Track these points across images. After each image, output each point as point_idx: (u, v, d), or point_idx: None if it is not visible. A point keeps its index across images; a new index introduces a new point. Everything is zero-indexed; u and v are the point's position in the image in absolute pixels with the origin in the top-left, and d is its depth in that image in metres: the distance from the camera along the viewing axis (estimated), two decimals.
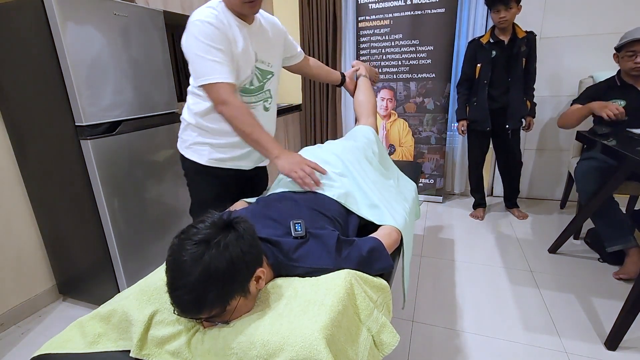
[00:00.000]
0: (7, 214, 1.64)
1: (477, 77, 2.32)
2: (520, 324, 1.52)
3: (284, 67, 1.44)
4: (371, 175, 1.28)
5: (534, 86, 2.31)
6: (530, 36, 2.19)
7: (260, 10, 1.19)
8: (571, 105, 2.04)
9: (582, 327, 1.49)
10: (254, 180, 1.48)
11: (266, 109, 1.30)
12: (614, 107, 1.75)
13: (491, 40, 2.22)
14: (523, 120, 2.35)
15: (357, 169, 1.24)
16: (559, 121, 2.07)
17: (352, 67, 1.78)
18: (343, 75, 1.66)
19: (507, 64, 2.22)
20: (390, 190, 1.30)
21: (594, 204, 1.80)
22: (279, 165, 1.12)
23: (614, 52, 1.88)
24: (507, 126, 2.30)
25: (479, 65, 2.29)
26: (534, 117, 2.37)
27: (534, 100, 2.33)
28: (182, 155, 1.31)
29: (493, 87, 2.28)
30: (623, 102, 1.84)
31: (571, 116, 1.97)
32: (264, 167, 1.54)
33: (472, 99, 2.37)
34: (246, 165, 1.35)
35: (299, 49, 1.45)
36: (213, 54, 1.06)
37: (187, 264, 0.65)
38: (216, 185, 1.30)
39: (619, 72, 1.92)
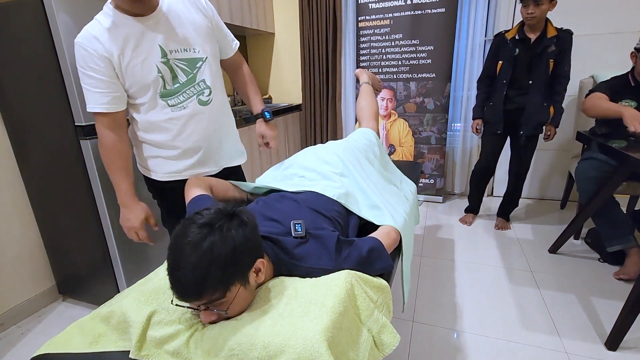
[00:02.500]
0: (7, 214, 1.64)
1: (496, 75, 2.14)
2: (520, 324, 1.52)
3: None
4: (372, 176, 1.28)
5: (563, 92, 2.04)
6: (563, 35, 1.94)
7: None
8: (589, 93, 1.92)
9: (582, 327, 1.49)
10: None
11: (204, 103, 1.14)
12: (638, 124, 1.60)
13: (517, 37, 2.01)
14: (543, 128, 2.14)
15: (357, 169, 1.24)
16: (584, 104, 1.89)
17: (355, 75, 1.74)
18: (262, 113, 1.35)
19: (529, 64, 2.01)
20: (391, 191, 1.31)
21: (594, 204, 1.80)
22: (120, 213, 1.17)
23: (632, 50, 1.79)
24: (522, 132, 2.11)
25: (500, 62, 2.11)
26: (556, 126, 2.12)
27: (562, 108, 2.08)
28: (142, 175, 1.25)
29: (512, 87, 2.09)
30: (634, 103, 1.81)
31: (600, 108, 1.81)
32: (239, 167, 1.40)
33: (489, 98, 2.22)
34: (210, 170, 1.23)
35: (232, 39, 1.27)
36: (86, 82, 1.03)
37: (190, 246, 0.66)
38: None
39: (632, 71, 1.85)
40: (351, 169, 1.23)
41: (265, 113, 1.35)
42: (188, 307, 0.72)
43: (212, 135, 1.20)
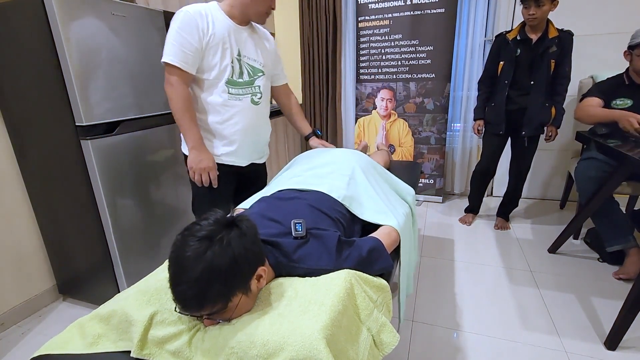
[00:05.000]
0: (8, 214, 1.64)
1: (498, 75, 2.14)
2: (520, 324, 1.52)
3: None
4: (380, 183, 1.29)
5: (564, 93, 2.04)
6: (564, 35, 1.95)
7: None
8: (582, 98, 1.93)
9: (582, 327, 1.49)
10: (251, 177, 1.54)
11: (255, 103, 1.39)
12: (634, 121, 1.60)
13: (518, 38, 2.01)
14: (544, 128, 2.14)
15: (365, 174, 1.25)
16: (577, 113, 1.93)
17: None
18: (314, 132, 1.71)
19: (531, 64, 2.01)
20: (395, 198, 1.31)
21: (594, 204, 1.80)
22: (188, 156, 1.30)
23: (625, 49, 1.81)
24: (523, 133, 2.11)
25: (501, 63, 2.11)
26: (558, 127, 2.12)
27: (563, 108, 2.08)
28: (184, 155, 1.38)
29: (513, 88, 2.09)
30: (630, 102, 1.81)
31: (592, 116, 1.83)
32: (263, 164, 1.61)
33: (490, 99, 2.22)
34: (239, 162, 1.43)
35: (285, 75, 1.61)
36: (177, 39, 1.19)
37: (190, 260, 0.66)
38: (218, 183, 1.37)
39: (627, 70, 1.86)
40: (359, 172, 1.23)
41: (317, 131, 1.72)
42: (191, 316, 0.72)
43: (252, 130, 1.41)
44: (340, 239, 0.89)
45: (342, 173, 1.20)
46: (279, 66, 1.57)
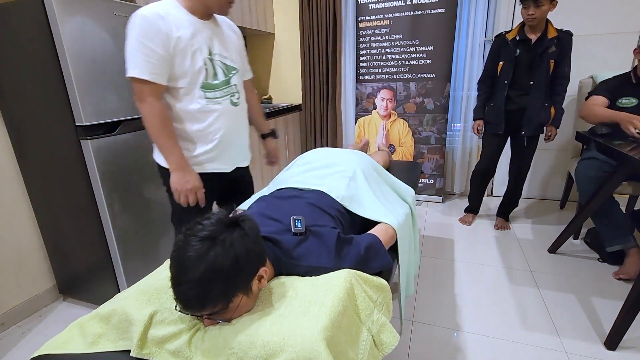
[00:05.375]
0: (7, 214, 1.64)
1: (497, 75, 2.14)
2: (520, 324, 1.52)
3: None
4: (380, 185, 1.29)
5: (564, 93, 2.05)
6: (563, 36, 1.95)
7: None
8: (588, 96, 1.94)
9: (582, 327, 1.49)
10: (237, 182, 1.45)
11: (234, 104, 1.28)
12: (638, 123, 1.62)
13: (517, 38, 2.02)
14: (544, 128, 2.14)
15: (366, 176, 1.25)
16: (582, 112, 1.94)
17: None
18: (272, 132, 1.60)
19: (530, 65, 2.02)
20: (395, 199, 1.31)
21: (594, 204, 1.80)
22: (171, 177, 1.18)
23: (636, 47, 1.78)
24: (523, 132, 2.12)
25: (501, 63, 2.11)
26: (557, 127, 2.13)
27: (562, 108, 2.09)
28: (158, 165, 1.27)
29: (513, 88, 2.09)
30: (635, 101, 1.81)
31: (596, 116, 1.84)
32: (247, 168, 1.50)
33: (490, 99, 2.22)
34: (224, 167, 1.32)
35: (249, 68, 1.47)
36: (141, 50, 1.06)
37: (192, 260, 0.66)
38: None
39: (634, 69, 1.84)
40: (359, 173, 1.23)
41: (276, 132, 1.61)
42: (191, 315, 0.72)
43: (235, 134, 1.31)
44: (340, 236, 0.89)
45: (343, 175, 1.21)
46: (245, 60, 1.43)
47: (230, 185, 1.42)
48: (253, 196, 1.24)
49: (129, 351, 0.71)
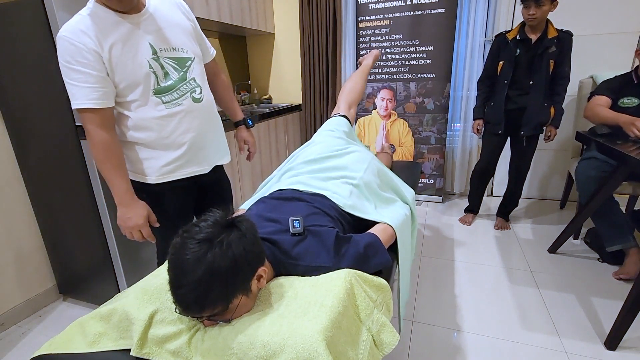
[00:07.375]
0: (8, 214, 1.64)
1: (497, 75, 2.15)
2: (520, 324, 1.52)
3: None
4: (382, 191, 1.29)
5: (563, 93, 2.05)
6: (563, 36, 1.96)
7: None
8: (591, 96, 1.94)
9: (582, 327, 1.49)
10: (213, 184, 1.32)
11: (197, 100, 1.14)
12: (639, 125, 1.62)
13: (518, 37, 2.03)
14: (544, 128, 2.15)
15: (369, 185, 1.24)
16: (585, 112, 1.94)
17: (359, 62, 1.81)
18: (245, 120, 1.45)
19: (530, 64, 2.02)
20: (395, 201, 1.31)
21: (594, 204, 1.80)
22: (118, 212, 1.08)
23: (637, 49, 1.80)
24: (522, 132, 2.12)
25: (501, 62, 2.12)
26: (557, 126, 2.13)
27: (562, 108, 2.09)
28: (132, 181, 1.13)
29: (513, 88, 2.10)
30: (637, 101, 1.81)
31: (598, 117, 1.85)
32: (222, 169, 1.38)
33: (489, 99, 2.23)
34: (202, 169, 1.21)
35: (210, 46, 1.29)
36: (72, 77, 0.96)
37: (190, 263, 0.66)
38: (175, 201, 1.20)
39: (636, 68, 1.84)
40: (362, 178, 1.22)
41: (249, 120, 1.45)
42: (191, 317, 0.72)
43: (206, 132, 1.19)
44: (338, 235, 0.89)
45: (347, 181, 1.19)
46: (203, 39, 1.24)
47: (207, 190, 1.31)
48: (252, 196, 1.23)
49: (129, 350, 0.71)
